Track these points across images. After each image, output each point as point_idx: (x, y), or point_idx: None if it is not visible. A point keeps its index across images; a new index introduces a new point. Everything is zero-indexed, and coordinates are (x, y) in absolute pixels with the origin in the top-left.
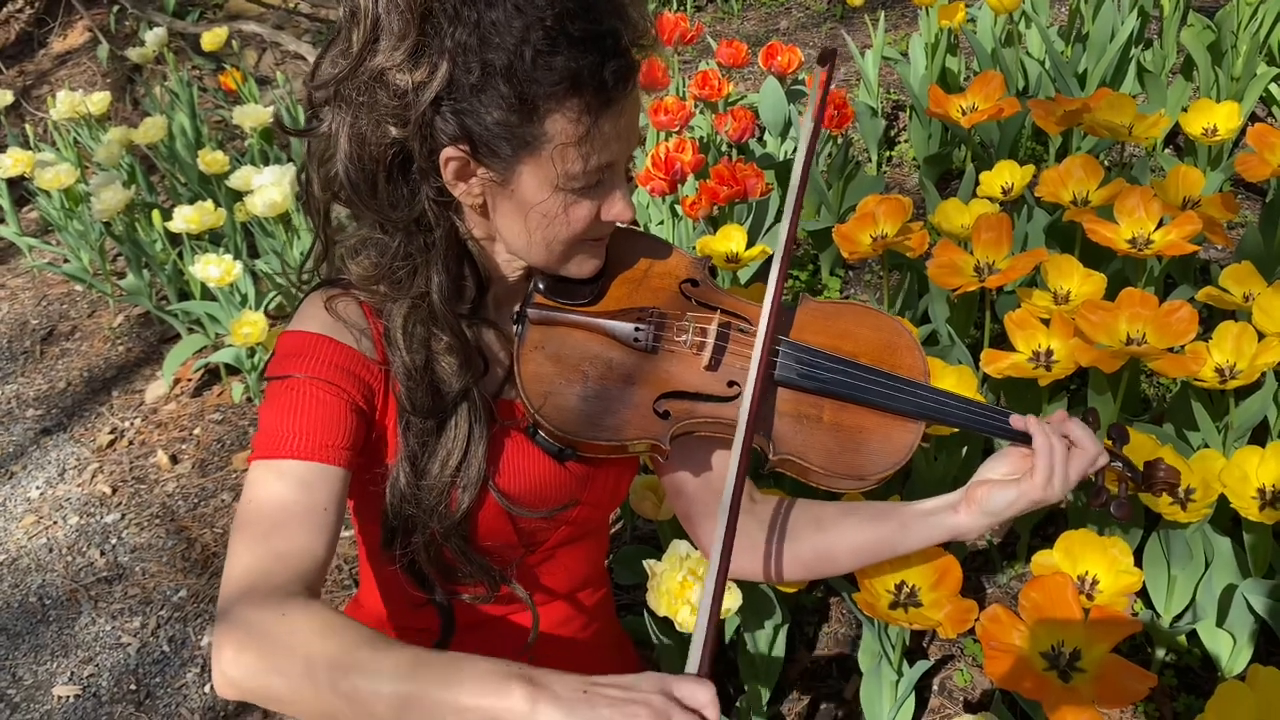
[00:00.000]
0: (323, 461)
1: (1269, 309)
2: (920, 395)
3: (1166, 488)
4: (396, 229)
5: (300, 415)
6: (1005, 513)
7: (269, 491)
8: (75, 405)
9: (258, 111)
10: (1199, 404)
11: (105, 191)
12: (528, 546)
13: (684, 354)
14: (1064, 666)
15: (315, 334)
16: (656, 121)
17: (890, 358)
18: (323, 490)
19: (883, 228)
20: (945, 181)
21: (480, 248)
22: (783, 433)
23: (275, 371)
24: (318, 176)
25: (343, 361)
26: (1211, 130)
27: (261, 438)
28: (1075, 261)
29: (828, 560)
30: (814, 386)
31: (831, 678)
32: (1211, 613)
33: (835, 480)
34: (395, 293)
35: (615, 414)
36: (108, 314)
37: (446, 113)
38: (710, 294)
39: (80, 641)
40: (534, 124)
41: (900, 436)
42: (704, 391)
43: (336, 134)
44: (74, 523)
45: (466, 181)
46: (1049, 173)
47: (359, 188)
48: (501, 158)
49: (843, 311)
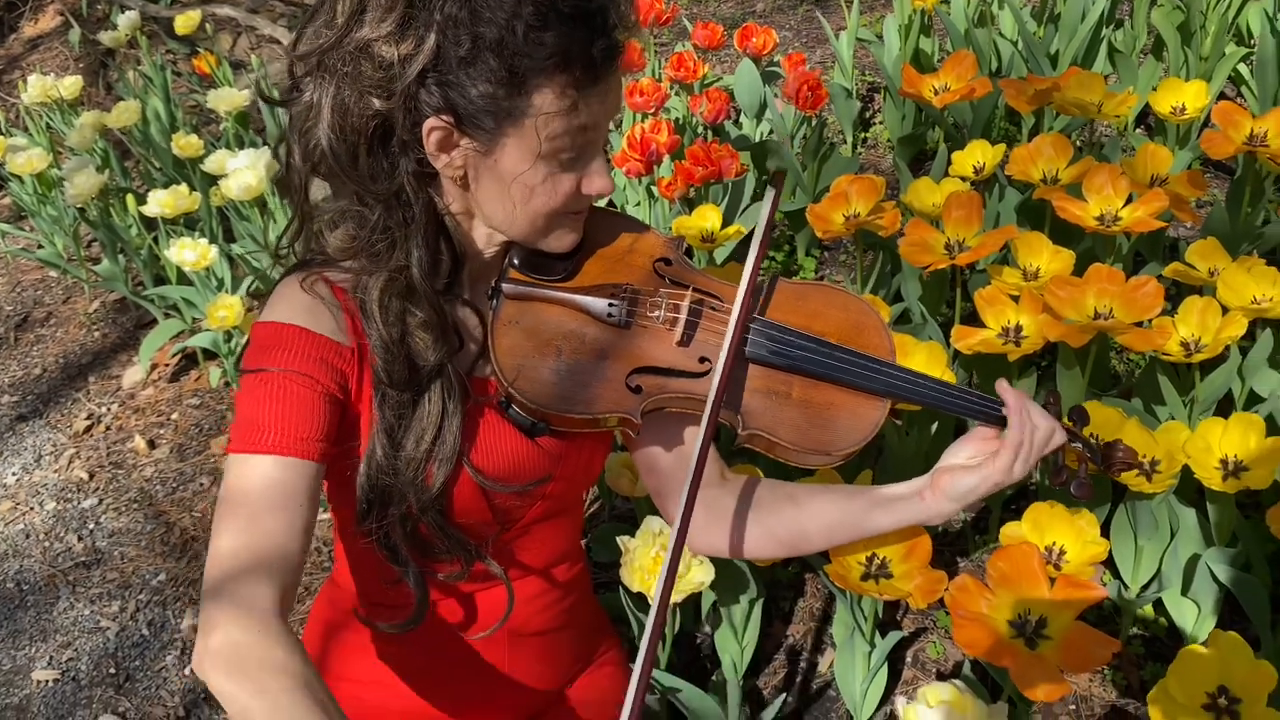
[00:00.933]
0: (296, 456)
1: (1233, 284)
2: (887, 374)
3: (1124, 467)
4: (376, 201)
5: (274, 409)
6: (969, 497)
7: (247, 485)
8: (51, 391)
9: (233, 95)
10: (1165, 378)
11: (79, 176)
12: (503, 524)
13: (657, 330)
14: (1030, 634)
15: (288, 324)
16: (632, 103)
17: (858, 337)
18: (297, 484)
19: (855, 207)
20: (919, 162)
21: (457, 223)
22: (753, 408)
23: (250, 364)
24: (298, 147)
25: (315, 351)
26: (1180, 109)
27: (237, 430)
28: (1044, 239)
29: (800, 538)
30: (784, 363)
31: (807, 651)
32: (1177, 582)
33: (803, 455)
34: (373, 266)
35: (588, 388)
36: (83, 300)
37: (432, 85)
38: (683, 272)
39: (59, 626)
40: (520, 97)
41: (867, 413)
42: (676, 367)
43: (319, 105)
44: (51, 508)
45: (449, 153)
46: (1019, 151)
47: (340, 159)
48: (485, 129)
49: (813, 292)
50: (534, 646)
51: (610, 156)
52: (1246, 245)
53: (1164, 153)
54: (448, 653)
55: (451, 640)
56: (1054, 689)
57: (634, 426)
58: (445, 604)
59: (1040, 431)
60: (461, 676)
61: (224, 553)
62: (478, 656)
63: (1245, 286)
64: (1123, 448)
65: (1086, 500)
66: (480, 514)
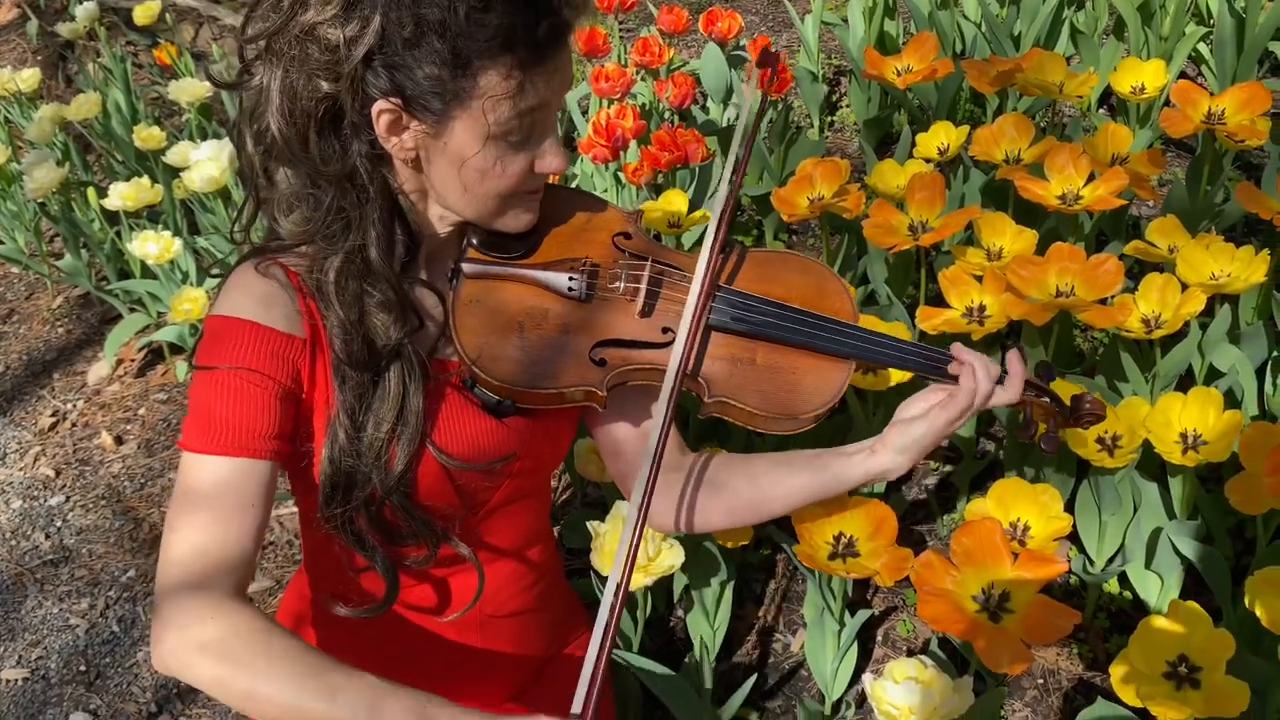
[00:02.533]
0: (247, 456)
1: (1192, 261)
2: (850, 335)
3: (1093, 419)
4: (329, 184)
5: (226, 408)
6: (916, 448)
7: (200, 484)
8: (15, 389)
9: (195, 86)
10: (1127, 355)
11: (38, 170)
12: (469, 507)
13: (618, 301)
14: (994, 608)
15: (239, 319)
16: (598, 89)
17: (820, 300)
18: (249, 483)
19: (820, 190)
20: (886, 145)
21: (411, 203)
22: (717, 376)
23: (202, 360)
24: (250, 132)
25: (267, 346)
26: (1139, 89)
27: (191, 427)
28: (1007, 219)
29: (761, 507)
30: (747, 329)
31: (779, 631)
32: (1140, 556)
33: (770, 421)
34: (328, 248)
35: (552, 363)
36: (46, 295)
37: (378, 67)
38: (643, 245)
39: (27, 625)
40: (466, 79)
41: (832, 376)
42: (639, 338)
43: (268, 88)
44: (17, 506)
45: (399, 135)
46: (982, 132)
47: (290, 142)
48: (433, 111)
49: (773, 258)
50: (506, 631)
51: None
52: (1206, 222)
53: (1124, 132)
54: (420, 639)
55: (423, 626)
56: (1018, 661)
57: (600, 400)
58: (416, 590)
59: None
60: (434, 662)
61: (180, 554)
62: (450, 642)
63: (1204, 263)
64: (1090, 399)
65: (1054, 454)
66: (446, 496)
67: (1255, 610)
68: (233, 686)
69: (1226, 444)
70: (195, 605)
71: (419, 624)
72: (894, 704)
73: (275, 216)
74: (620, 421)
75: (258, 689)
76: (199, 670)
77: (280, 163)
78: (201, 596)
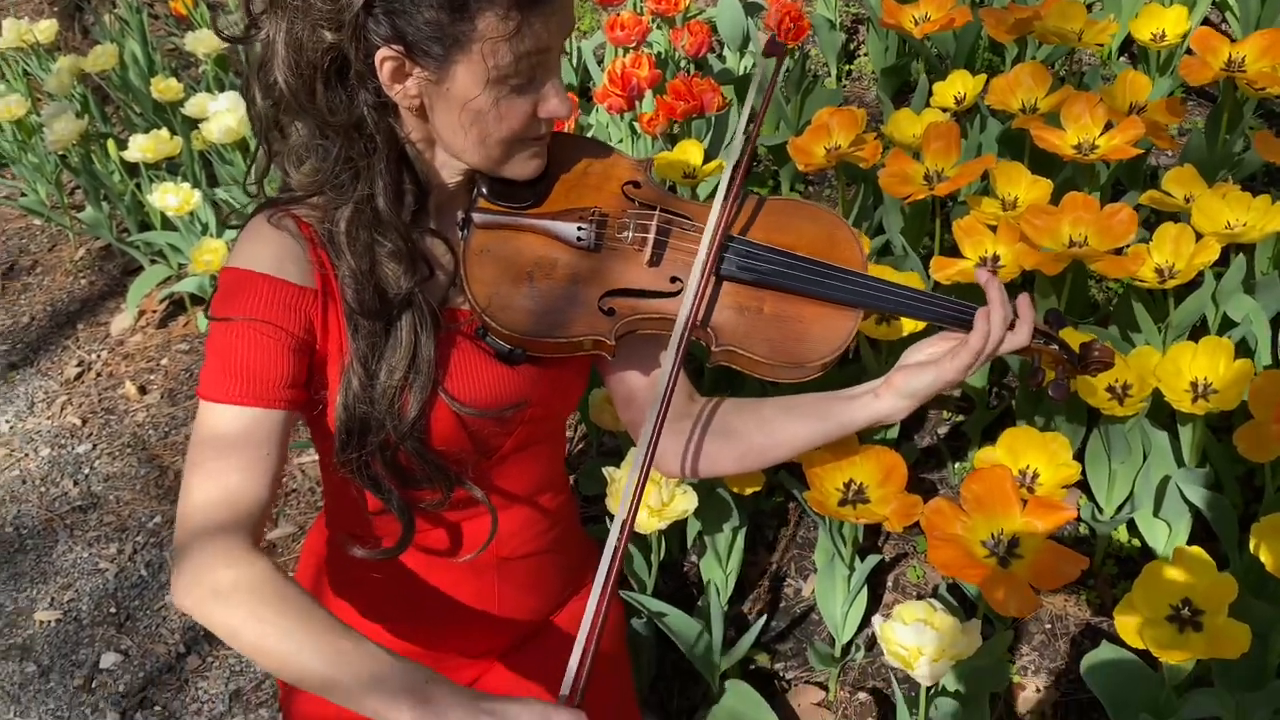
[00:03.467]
0: (262, 406)
1: (1207, 210)
2: (858, 283)
3: (1101, 366)
4: (337, 134)
5: (240, 359)
6: (921, 394)
7: (216, 433)
8: (40, 339)
9: (211, 38)
10: (1140, 305)
11: (58, 122)
12: (482, 452)
13: (627, 251)
14: (1003, 554)
15: (253, 272)
16: (613, 37)
17: (830, 249)
18: (265, 432)
19: (836, 139)
20: (903, 94)
21: (419, 152)
22: (724, 325)
23: (216, 311)
24: (259, 85)
25: (280, 298)
26: (1160, 36)
27: (206, 377)
28: (1023, 168)
29: (770, 450)
30: (754, 279)
31: (790, 576)
32: (1149, 503)
33: (778, 369)
34: (338, 198)
35: (562, 312)
36: (68, 247)
37: (379, 14)
38: (652, 194)
39: (59, 568)
40: (464, 22)
41: (839, 324)
42: (648, 288)
43: (274, 42)
44: (46, 454)
45: (403, 82)
46: (998, 81)
47: (298, 94)
48: (435, 57)
49: (782, 206)
50: (522, 574)
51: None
52: (1225, 171)
53: (1143, 80)
54: (436, 579)
55: (440, 569)
56: (1025, 606)
57: (609, 349)
58: (432, 533)
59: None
60: (451, 604)
61: (198, 501)
62: (467, 584)
63: (1219, 212)
64: (1099, 347)
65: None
66: (459, 442)
67: (1259, 556)
68: (243, 635)
69: (1236, 392)
70: (212, 552)
71: (436, 567)
72: (903, 645)
73: (287, 169)
74: (631, 370)
75: (265, 641)
76: (212, 615)
77: (290, 115)
78: (219, 543)
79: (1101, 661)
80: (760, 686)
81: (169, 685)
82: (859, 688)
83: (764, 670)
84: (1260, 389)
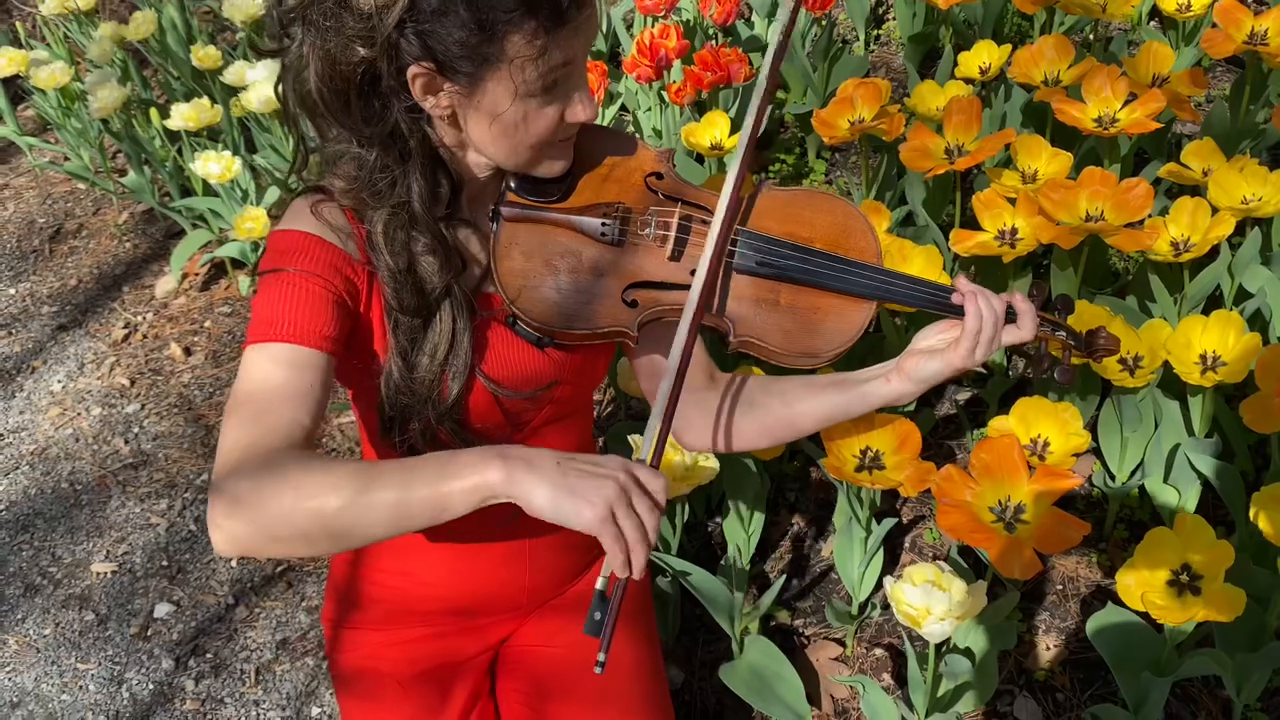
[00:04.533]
0: (310, 346)
1: (1224, 184)
2: (871, 276)
3: (1106, 353)
4: (372, 143)
5: (290, 304)
6: (931, 380)
7: (261, 373)
8: (88, 302)
9: (248, 4)
10: (1156, 277)
11: (102, 90)
12: (515, 426)
13: (649, 246)
14: (1009, 519)
15: (305, 232)
16: (642, 6)
17: (844, 241)
18: (310, 371)
19: (860, 112)
20: (930, 60)
21: (452, 154)
22: (742, 316)
23: (267, 266)
24: (293, 93)
25: (330, 258)
26: (1185, 6)
27: (254, 325)
28: (1043, 142)
29: (789, 427)
30: (770, 273)
31: (810, 538)
32: (1159, 471)
33: (792, 359)
34: (376, 201)
35: (587, 304)
36: (112, 211)
37: (410, 34)
38: (674, 186)
39: (112, 523)
40: (493, 43)
41: (853, 316)
42: (668, 281)
43: (307, 55)
44: (97, 413)
45: (435, 95)
46: (1022, 53)
47: (332, 105)
48: (465, 73)
49: (799, 198)
50: (552, 539)
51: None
52: (1248, 142)
53: (1166, 51)
54: (471, 545)
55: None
56: (1029, 569)
57: (631, 338)
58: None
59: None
60: (486, 567)
61: (237, 441)
62: (499, 548)
63: (1236, 186)
64: (1105, 334)
65: (1068, 386)
66: (493, 418)
67: (1259, 524)
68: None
69: (1244, 365)
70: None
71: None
72: (912, 605)
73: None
74: (654, 353)
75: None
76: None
77: (324, 123)
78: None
79: (1107, 622)
80: (780, 642)
81: (219, 634)
82: (875, 644)
83: (784, 626)
84: (1267, 362)
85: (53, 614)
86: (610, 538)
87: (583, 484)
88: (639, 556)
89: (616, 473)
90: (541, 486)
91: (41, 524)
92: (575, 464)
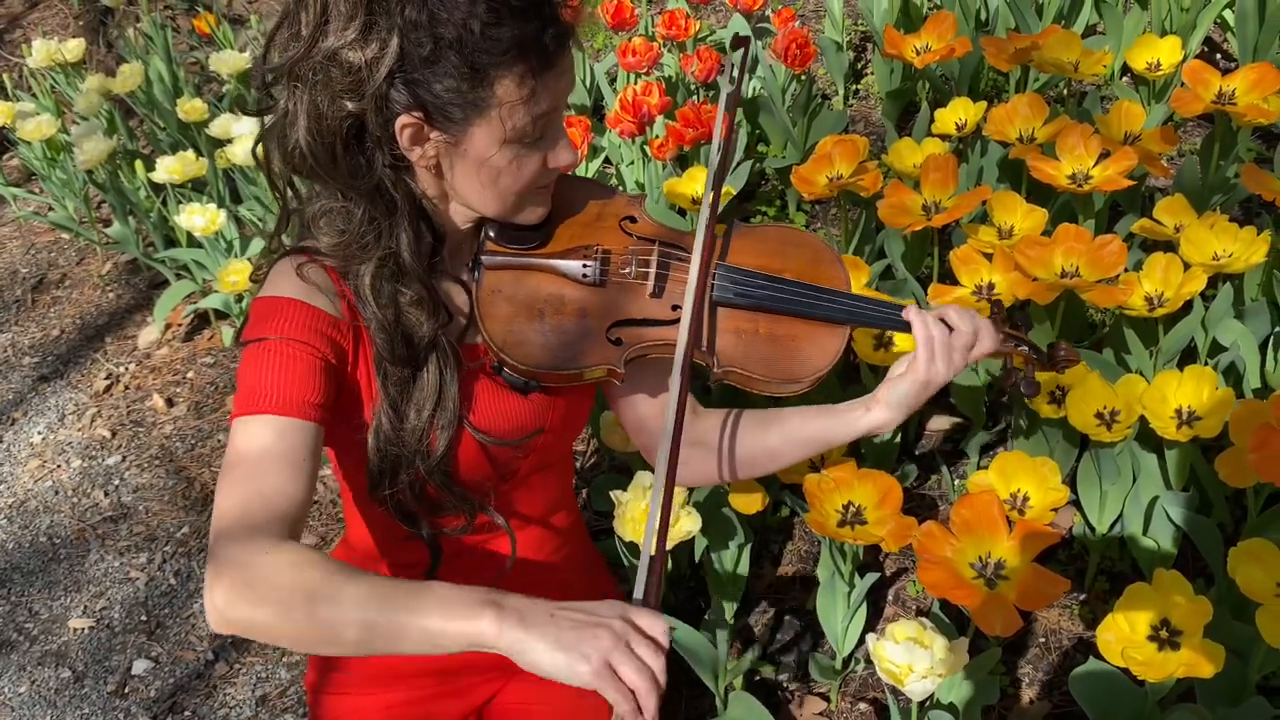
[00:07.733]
0: (297, 417)
1: (1195, 240)
2: (843, 303)
3: (1067, 364)
4: (360, 197)
5: (275, 373)
6: (905, 401)
7: (250, 444)
8: (70, 352)
9: (235, 59)
10: (1131, 331)
11: (88, 142)
12: (502, 476)
13: (630, 285)
14: (990, 575)
15: (288, 298)
16: (625, 63)
17: (815, 270)
18: (298, 442)
19: (838, 169)
20: (908, 115)
21: (434, 205)
22: (724, 347)
23: (250, 335)
24: (277, 151)
25: (313, 322)
26: (1155, 65)
27: (240, 397)
28: (1018, 198)
29: (770, 458)
30: (749, 304)
31: (795, 591)
32: (1139, 523)
33: (775, 385)
34: (363, 255)
35: (572, 345)
36: (96, 261)
37: (399, 84)
38: (648, 228)
39: (91, 577)
40: (484, 89)
41: (828, 341)
42: (651, 317)
43: (294, 111)
44: (77, 465)
45: (421, 145)
46: (997, 111)
47: (319, 160)
48: (454, 121)
49: (770, 233)
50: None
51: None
52: (1219, 197)
53: (1137, 109)
54: None
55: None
56: (1009, 625)
57: (619, 376)
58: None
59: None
60: None
61: (231, 508)
62: None
63: (1207, 242)
64: (1064, 347)
65: (1034, 396)
66: (481, 469)
67: (1235, 578)
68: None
69: (1219, 420)
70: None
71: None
72: (894, 662)
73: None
74: (639, 394)
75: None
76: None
77: (310, 178)
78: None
79: (1088, 675)
80: (764, 697)
81: (198, 691)
82: (859, 698)
83: (768, 681)
84: (1240, 418)
85: (28, 671)
86: (611, 690)
87: (576, 636)
88: (649, 703)
89: (611, 620)
90: (534, 644)
91: (19, 578)
92: (569, 614)
